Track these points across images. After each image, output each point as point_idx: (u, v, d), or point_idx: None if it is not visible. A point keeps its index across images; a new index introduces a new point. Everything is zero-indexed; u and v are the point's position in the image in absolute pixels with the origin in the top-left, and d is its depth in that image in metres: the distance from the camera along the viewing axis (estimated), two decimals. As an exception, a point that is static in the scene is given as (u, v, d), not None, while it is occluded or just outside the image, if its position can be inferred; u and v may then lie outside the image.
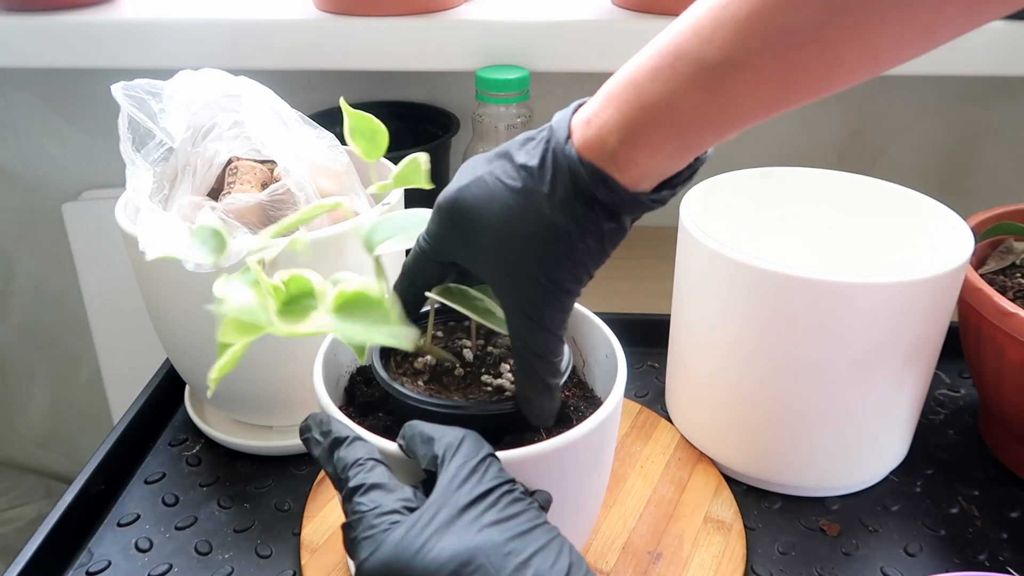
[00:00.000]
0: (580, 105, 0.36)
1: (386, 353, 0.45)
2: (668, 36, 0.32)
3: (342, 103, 0.43)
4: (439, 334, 0.47)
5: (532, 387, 0.39)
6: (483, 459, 0.35)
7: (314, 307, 0.34)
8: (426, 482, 0.36)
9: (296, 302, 0.35)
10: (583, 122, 0.35)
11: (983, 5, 0.28)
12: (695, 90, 0.31)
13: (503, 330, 0.40)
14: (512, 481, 0.34)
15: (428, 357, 0.44)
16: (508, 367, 0.44)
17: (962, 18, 0.28)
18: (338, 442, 0.37)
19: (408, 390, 0.41)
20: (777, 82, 0.30)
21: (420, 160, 0.41)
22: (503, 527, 0.32)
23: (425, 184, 0.41)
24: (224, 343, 0.33)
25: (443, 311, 0.45)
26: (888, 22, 0.28)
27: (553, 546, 0.32)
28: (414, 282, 0.41)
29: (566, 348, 0.43)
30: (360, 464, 0.35)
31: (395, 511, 0.33)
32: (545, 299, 0.36)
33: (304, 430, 0.38)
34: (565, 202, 0.35)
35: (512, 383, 0.42)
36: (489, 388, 0.42)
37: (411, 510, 0.33)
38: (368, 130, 0.43)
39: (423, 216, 0.41)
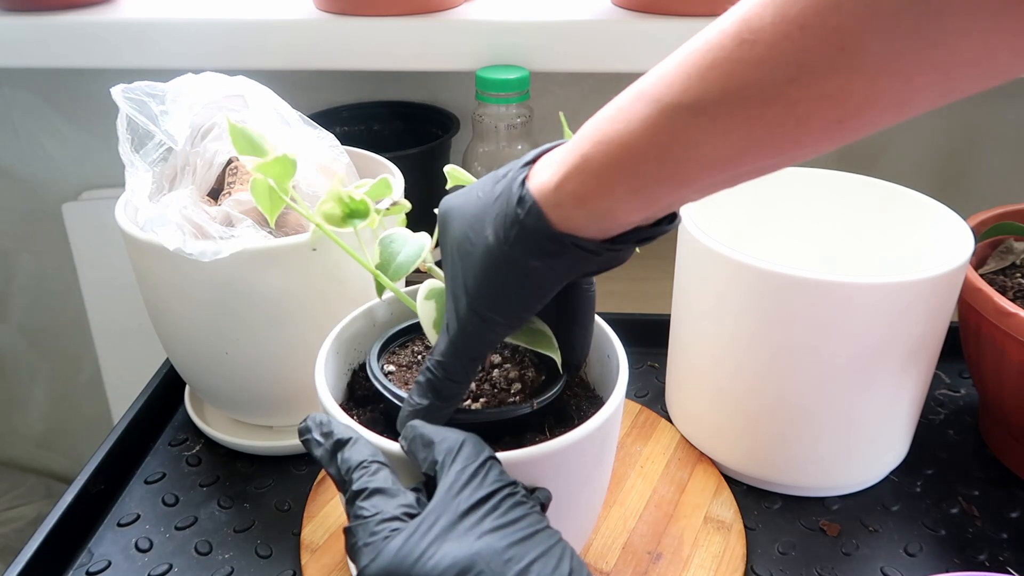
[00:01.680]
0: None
1: (381, 355, 0.45)
2: (641, 80, 0.32)
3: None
4: None
5: (417, 388, 0.38)
6: (483, 463, 0.34)
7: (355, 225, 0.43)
8: (428, 484, 0.36)
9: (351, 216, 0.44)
10: (549, 153, 0.35)
11: (955, 80, 0.26)
12: (648, 130, 0.30)
13: (553, 353, 0.40)
14: (514, 484, 0.34)
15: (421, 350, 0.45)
16: (503, 375, 0.43)
17: (933, 91, 0.27)
18: (341, 444, 0.37)
19: (395, 386, 0.42)
20: (735, 135, 0.29)
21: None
22: (503, 533, 0.32)
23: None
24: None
25: None
26: (855, 87, 0.26)
27: (554, 552, 0.32)
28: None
29: (560, 382, 0.43)
30: (364, 467, 0.35)
31: (396, 518, 0.33)
32: (467, 318, 0.36)
33: (303, 431, 0.38)
34: (499, 222, 0.34)
35: (497, 390, 0.42)
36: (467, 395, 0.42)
37: (412, 516, 0.33)
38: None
39: None
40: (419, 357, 0.45)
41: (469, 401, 0.42)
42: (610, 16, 0.77)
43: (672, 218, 0.35)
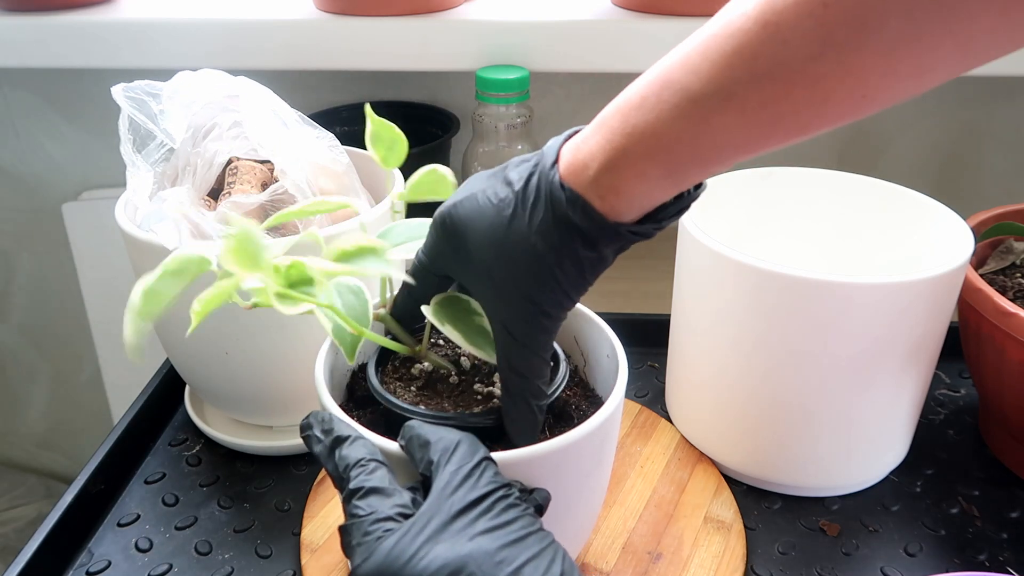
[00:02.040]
0: (576, 132, 0.36)
1: (384, 359, 0.45)
2: (659, 66, 0.32)
3: (367, 109, 0.43)
4: (440, 342, 0.47)
5: (514, 406, 0.39)
6: (478, 464, 0.34)
7: (312, 295, 0.35)
8: (425, 483, 0.36)
9: (295, 287, 0.36)
10: (572, 148, 0.35)
11: (977, 46, 0.27)
12: (680, 119, 0.31)
13: (490, 358, 0.40)
14: (508, 485, 0.34)
15: (426, 364, 0.44)
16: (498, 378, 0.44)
17: (955, 58, 0.27)
18: (339, 441, 0.37)
19: (393, 396, 0.41)
20: (763, 116, 0.30)
21: (441, 172, 0.43)
22: (495, 535, 0.32)
23: (445, 196, 0.42)
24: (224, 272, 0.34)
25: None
26: (878, 61, 0.27)
27: (546, 554, 0.32)
28: (412, 293, 0.42)
29: (563, 364, 0.43)
30: (362, 465, 0.35)
31: (390, 518, 0.33)
32: (527, 320, 0.37)
33: (305, 427, 0.38)
34: (544, 226, 0.35)
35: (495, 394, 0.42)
36: (479, 396, 0.42)
37: (407, 516, 0.33)
38: (389, 139, 0.43)
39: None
40: (403, 371, 0.45)
41: (479, 408, 0.42)
42: (610, 16, 0.77)
43: (699, 186, 0.36)
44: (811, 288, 0.48)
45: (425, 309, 0.41)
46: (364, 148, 0.63)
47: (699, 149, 0.32)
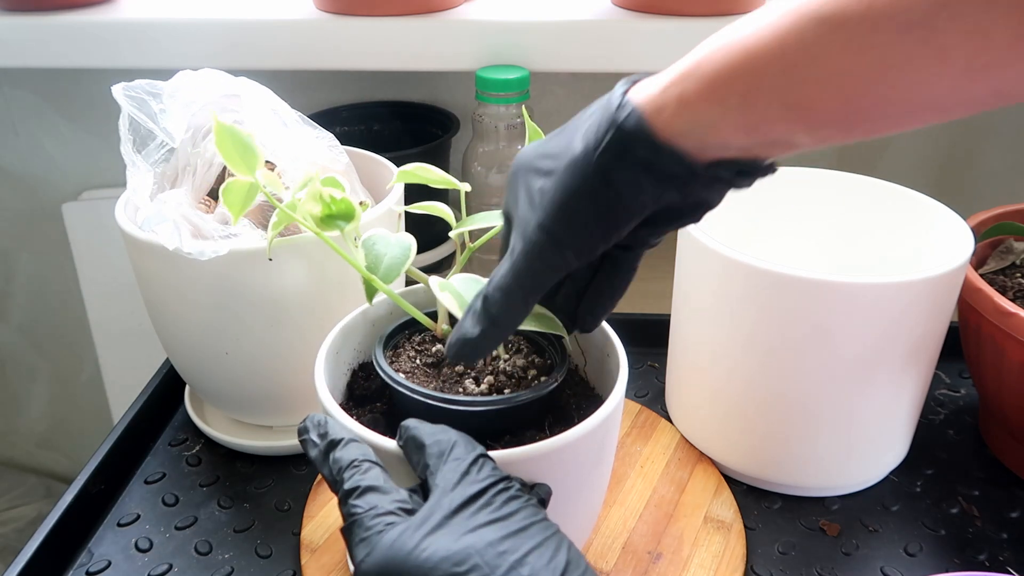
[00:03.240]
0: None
1: (402, 338, 0.46)
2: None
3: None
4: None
5: (472, 316, 0.37)
6: (474, 460, 0.35)
7: (343, 228, 0.41)
8: (424, 487, 0.36)
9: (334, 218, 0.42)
10: (651, 80, 0.33)
11: None
12: (779, 35, 0.28)
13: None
14: (507, 479, 0.34)
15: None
16: (491, 380, 0.43)
17: None
18: (334, 444, 0.37)
19: (388, 366, 0.42)
20: (870, 56, 0.27)
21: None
22: (497, 526, 0.32)
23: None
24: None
25: None
26: (1010, 26, 0.24)
27: (550, 543, 0.32)
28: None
29: (571, 345, 0.43)
30: (355, 466, 0.35)
31: (391, 512, 0.33)
32: (536, 240, 0.34)
33: (302, 431, 0.38)
34: (594, 132, 0.32)
35: (488, 388, 0.42)
36: (460, 390, 0.42)
37: (407, 511, 0.33)
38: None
39: None
40: (423, 348, 0.45)
41: (495, 395, 0.42)
42: (610, 16, 0.77)
43: (769, 168, 0.33)
44: (811, 288, 0.48)
45: (432, 279, 0.41)
46: (364, 148, 0.64)
47: (788, 77, 0.28)
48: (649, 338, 0.69)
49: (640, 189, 0.33)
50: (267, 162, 0.55)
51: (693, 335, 0.57)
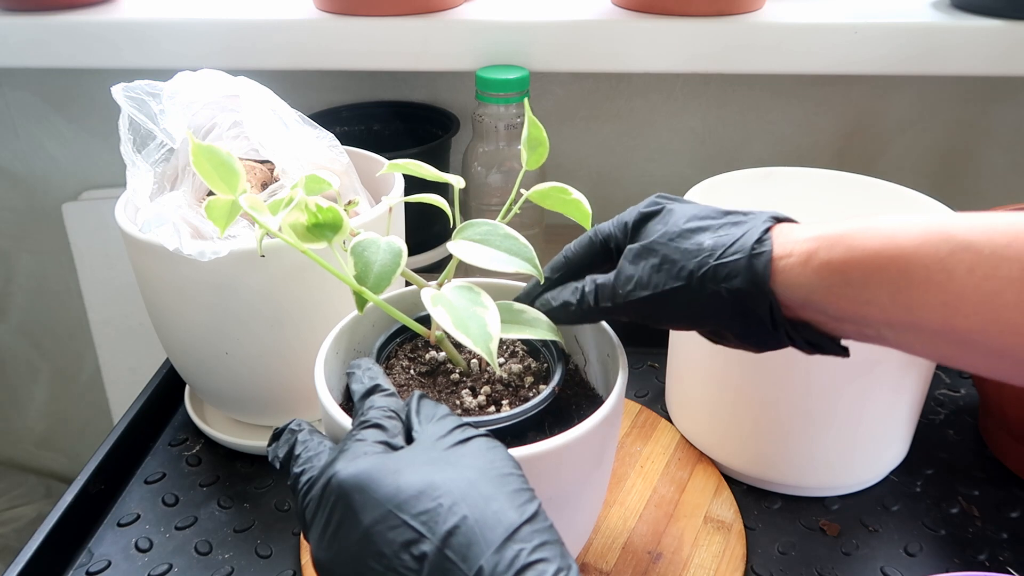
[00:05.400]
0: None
1: (398, 343, 0.46)
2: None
3: (526, 104, 0.45)
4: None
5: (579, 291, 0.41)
6: (459, 425, 0.34)
7: (330, 239, 0.39)
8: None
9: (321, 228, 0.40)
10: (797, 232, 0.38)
11: None
12: (919, 237, 0.33)
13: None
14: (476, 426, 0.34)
15: (441, 353, 0.44)
16: (488, 391, 0.43)
17: None
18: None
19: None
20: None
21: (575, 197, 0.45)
22: (476, 468, 0.31)
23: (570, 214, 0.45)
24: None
25: None
26: None
27: (525, 494, 0.31)
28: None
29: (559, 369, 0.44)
30: (306, 444, 0.36)
31: (386, 443, 0.33)
32: (640, 306, 0.39)
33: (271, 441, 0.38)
34: (725, 245, 0.37)
35: (486, 399, 0.42)
36: (457, 402, 0.42)
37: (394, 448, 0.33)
38: (536, 139, 0.45)
39: None
40: (416, 356, 0.45)
41: (492, 407, 0.42)
42: (610, 16, 0.77)
43: (842, 350, 0.38)
44: (811, 288, 0.47)
45: (425, 292, 0.40)
46: (364, 148, 0.64)
47: (912, 278, 0.33)
48: (649, 338, 0.68)
49: (719, 309, 0.37)
50: (267, 162, 0.55)
51: (693, 335, 0.57)
